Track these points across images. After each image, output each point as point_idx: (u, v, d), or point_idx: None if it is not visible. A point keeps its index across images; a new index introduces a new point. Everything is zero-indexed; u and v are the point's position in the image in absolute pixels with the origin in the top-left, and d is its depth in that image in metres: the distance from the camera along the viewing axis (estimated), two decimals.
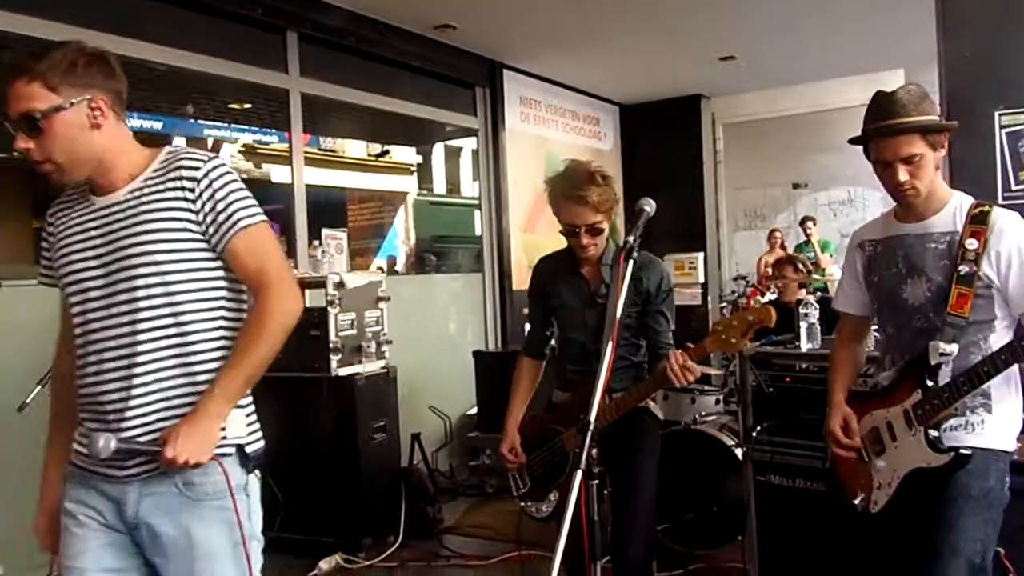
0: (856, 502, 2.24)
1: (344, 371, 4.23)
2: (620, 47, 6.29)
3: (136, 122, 12.25)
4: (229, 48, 4.64)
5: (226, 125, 12.74)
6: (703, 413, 4.39)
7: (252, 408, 1.82)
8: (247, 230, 1.71)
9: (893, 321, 2.24)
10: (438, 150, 15.90)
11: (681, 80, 7.47)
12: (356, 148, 14.82)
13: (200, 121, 12.56)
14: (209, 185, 1.69)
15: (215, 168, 1.71)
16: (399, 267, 12.73)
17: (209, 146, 14.13)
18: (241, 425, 1.76)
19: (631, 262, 2.16)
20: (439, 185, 16.32)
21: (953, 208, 2.15)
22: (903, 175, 2.08)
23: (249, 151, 13.74)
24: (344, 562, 4.11)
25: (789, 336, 3.50)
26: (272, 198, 11.63)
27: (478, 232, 6.87)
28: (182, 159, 1.72)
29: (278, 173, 12.95)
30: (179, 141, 13.81)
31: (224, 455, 1.70)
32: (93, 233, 1.71)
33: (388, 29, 5.41)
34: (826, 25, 5.97)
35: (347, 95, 5.47)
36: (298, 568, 4.03)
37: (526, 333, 3.06)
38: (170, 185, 1.69)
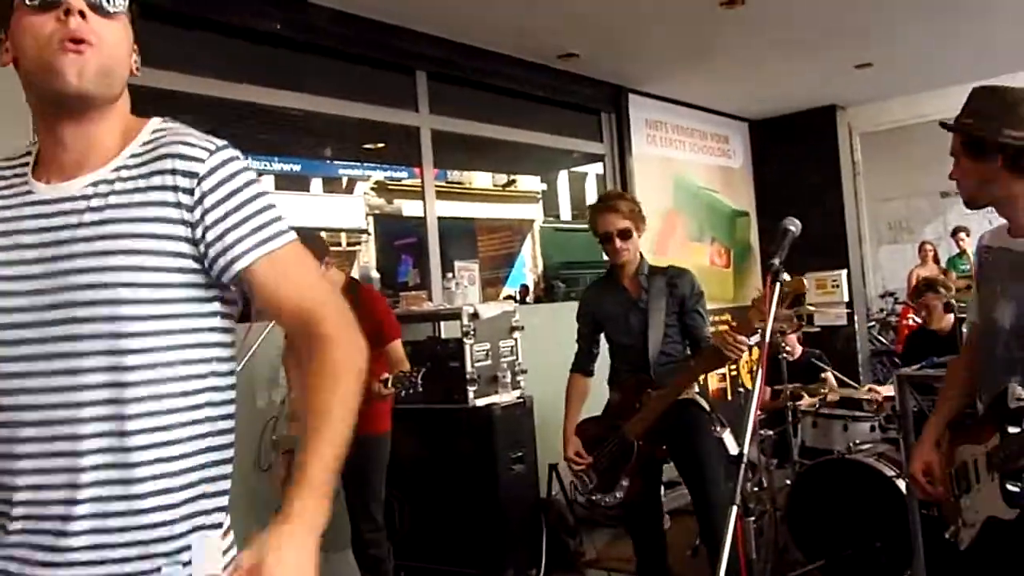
0: (947, 534, 2.09)
1: (481, 402, 4.25)
2: (747, 63, 6.11)
3: (276, 166, 12.99)
4: (363, 91, 4.81)
5: (359, 164, 13.30)
6: (857, 441, 4.14)
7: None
8: (280, 251, 1.17)
9: (985, 342, 2.04)
10: (562, 176, 16.00)
11: (814, 91, 7.18)
12: (482, 179, 15.12)
13: (335, 162, 13.17)
14: (218, 185, 1.13)
15: (227, 160, 1.16)
16: (529, 295, 12.82)
17: (344, 186, 14.79)
18: (218, 554, 1.16)
19: (773, 283, 2.10)
20: (565, 211, 16.39)
21: None
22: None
23: (381, 188, 14.26)
24: None
25: (951, 358, 3.26)
26: (406, 232, 12.04)
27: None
28: (177, 141, 1.15)
29: (409, 207, 13.38)
30: (316, 183, 14.54)
31: None
32: (27, 240, 1.13)
33: (512, 62, 5.48)
34: (972, 24, 5.60)
35: (475, 128, 5.57)
36: None
37: (575, 354, 3.47)
38: (155, 181, 1.13)
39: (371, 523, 3.51)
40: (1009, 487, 1.84)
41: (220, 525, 1.18)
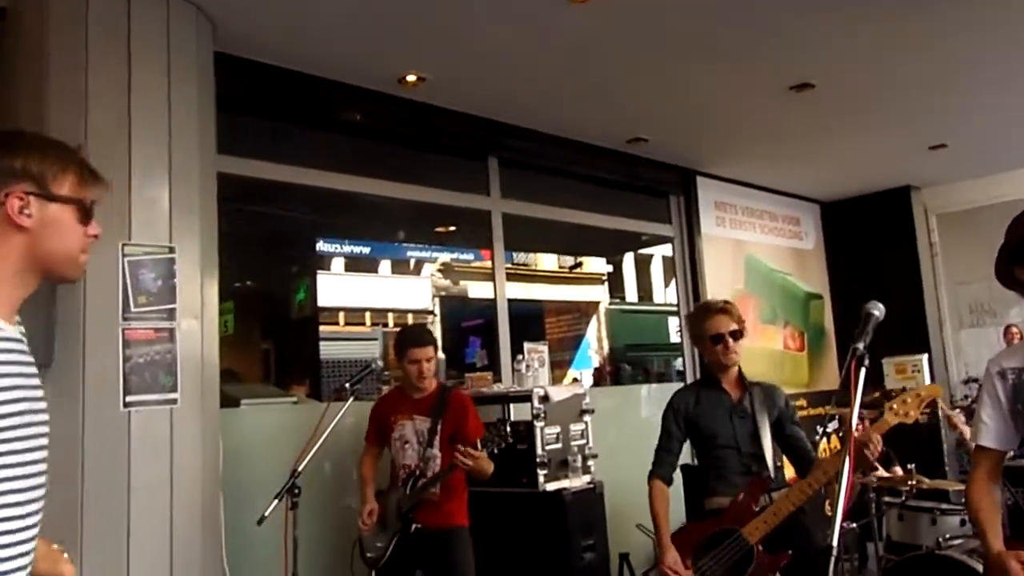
0: None
1: (551, 486, 4.18)
2: (818, 145, 6.10)
3: (347, 248, 13.33)
4: (437, 177, 4.95)
5: (427, 246, 13.56)
6: (947, 536, 3.90)
7: None
8: None
9: None
10: (628, 258, 16.01)
11: (887, 172, 7.10)
12: (549, 261, 15.22)
13: (404, 244, 13.46)
14: None
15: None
16: (590, 376, 12.68)
17: (411, 268, 15.07)
18: None
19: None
20: (631, 293, 16.34)
21: None
22: None
23: (447, 269, 14.47)
24: None
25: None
26: (472, 313, 12.14)
27: (672, 339, 6.73)
28: None
29: (474, 289, 13.52)
30: (384, 264, 14.85)
31: None
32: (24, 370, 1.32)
33: (582, 147, 5.58)
34: None
35: (545, 212, 5.64)
36: None
37: (657, 457, 3.34)
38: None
39: None
40: None
41: None
